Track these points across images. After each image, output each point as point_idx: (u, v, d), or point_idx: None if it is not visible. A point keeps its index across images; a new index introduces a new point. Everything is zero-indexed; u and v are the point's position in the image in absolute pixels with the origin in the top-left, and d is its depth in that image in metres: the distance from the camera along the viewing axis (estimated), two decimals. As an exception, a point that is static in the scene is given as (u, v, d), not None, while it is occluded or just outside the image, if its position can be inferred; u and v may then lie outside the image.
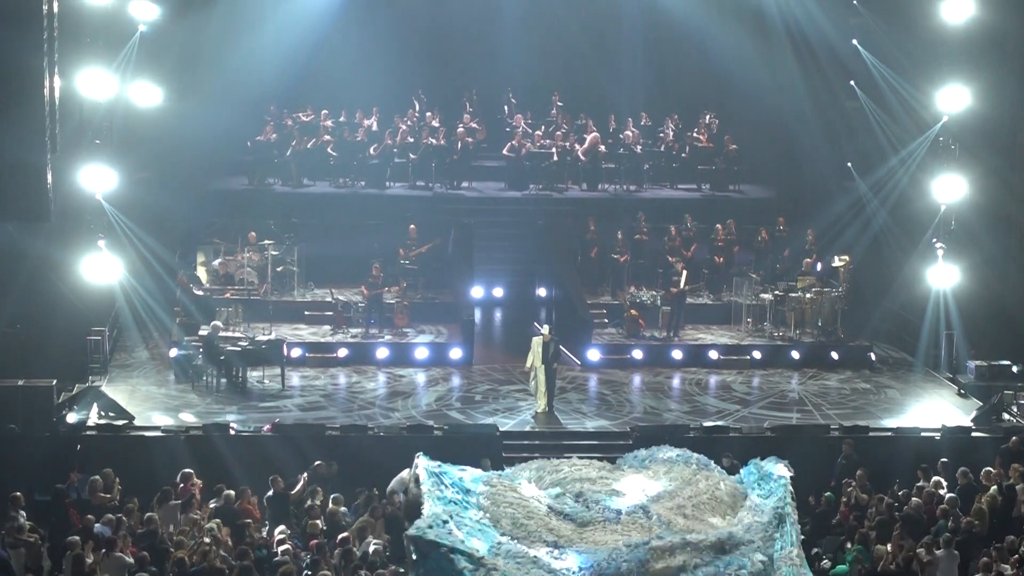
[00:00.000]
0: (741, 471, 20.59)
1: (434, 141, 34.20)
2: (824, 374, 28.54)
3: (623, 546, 17.75)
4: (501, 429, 24.45)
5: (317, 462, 21.83)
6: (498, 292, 32.82)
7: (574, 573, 17.42)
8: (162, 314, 28.72)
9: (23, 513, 19.80)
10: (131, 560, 18.52)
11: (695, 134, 35.31)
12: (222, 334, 26.75)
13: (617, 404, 26.36)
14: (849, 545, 20.33)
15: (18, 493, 20.12)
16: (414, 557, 17.48)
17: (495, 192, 34.68)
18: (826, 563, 20.16)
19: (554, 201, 33.97)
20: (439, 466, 19.44)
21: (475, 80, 36.70)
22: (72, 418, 23.72)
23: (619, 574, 17.35)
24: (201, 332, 27.15)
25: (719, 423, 25.05)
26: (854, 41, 32.07)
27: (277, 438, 23.49)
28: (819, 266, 30.71)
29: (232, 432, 23.65)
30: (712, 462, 20.65)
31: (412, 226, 31.13)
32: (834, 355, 29.08)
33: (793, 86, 33.71)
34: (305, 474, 21.54)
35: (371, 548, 19.24)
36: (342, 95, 34.90)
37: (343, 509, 20.72)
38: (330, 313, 29.38)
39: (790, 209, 33.02)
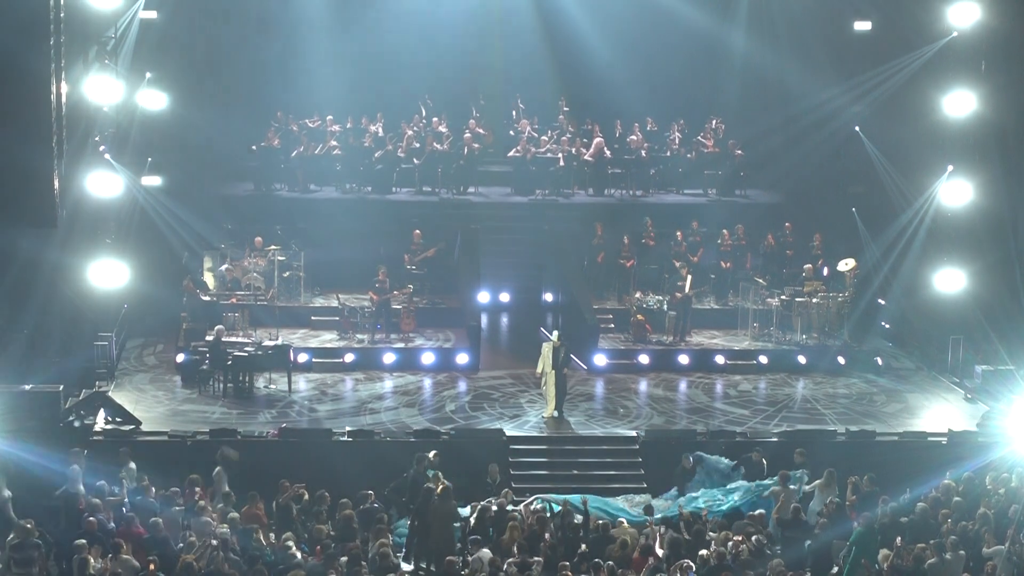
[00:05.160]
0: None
1: (439, 147, 34.21)
2: (830, 378, 28.52)
3: None
4: (508, 434, 24.46)
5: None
6: (504, 297, 32.80)
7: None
8: (169, 319, 28.75)
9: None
10: (138, 564, 18.55)
11: (701, 139, 35.31)
12: (228, 339, 26.76)
13: (624, 409, 26.35)
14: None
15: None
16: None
17: (501, 197, 34.63)
18: (834, 569, 20.18)
19: (560, 206, 33.96)
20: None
21: (482, 86, 36.72)
22: (79, 423, 23.72)
23: None
24: (207, 337, 27.19)
25: (726, 428, 25.03)
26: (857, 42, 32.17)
27: (283, 443, 23.50)
28: (825, 271, 30.69)
29: (239, 437, 23.67)
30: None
31: (416, 231, 31.14)
32: (840, 359, 29.04)
33: (797, 90, 33.70)
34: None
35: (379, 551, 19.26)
36: (348, 101, 34.92)
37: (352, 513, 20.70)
38: (337, 318, 29.39)
39: (796, 214, 32.98)
